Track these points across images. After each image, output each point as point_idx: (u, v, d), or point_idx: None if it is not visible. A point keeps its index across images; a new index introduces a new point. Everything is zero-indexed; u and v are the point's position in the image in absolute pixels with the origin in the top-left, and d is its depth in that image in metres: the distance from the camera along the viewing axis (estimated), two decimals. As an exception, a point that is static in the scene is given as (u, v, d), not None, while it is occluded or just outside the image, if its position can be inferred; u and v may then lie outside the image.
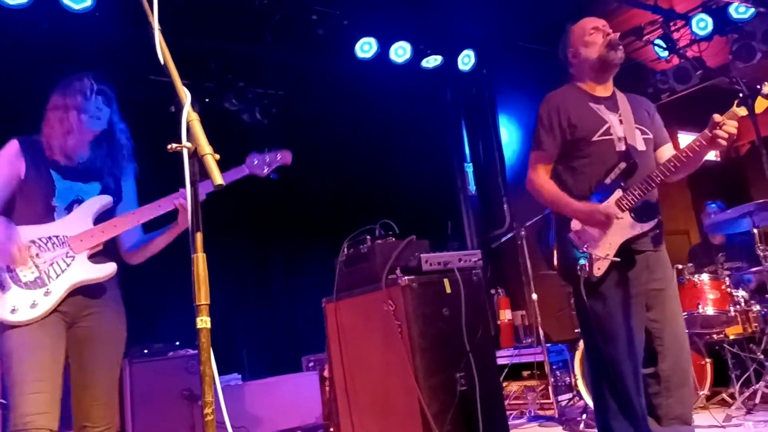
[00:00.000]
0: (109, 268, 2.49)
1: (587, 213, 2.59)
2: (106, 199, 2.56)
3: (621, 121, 2.70)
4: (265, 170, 2.92)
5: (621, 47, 2.75)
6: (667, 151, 2.80)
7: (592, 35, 2.75)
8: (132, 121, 2.73)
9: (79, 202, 2.51)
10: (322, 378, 4.46)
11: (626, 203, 2.58)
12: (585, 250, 2.58)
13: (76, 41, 4.67)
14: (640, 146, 2.69)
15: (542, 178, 2.75)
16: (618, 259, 2.56)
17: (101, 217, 2.53)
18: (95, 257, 2.48)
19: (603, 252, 2.57)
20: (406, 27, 6.36)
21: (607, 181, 2.62)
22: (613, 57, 2.73)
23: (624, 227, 2.59)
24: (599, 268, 2.55)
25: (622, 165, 2.61)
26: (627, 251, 2.57)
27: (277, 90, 6.27)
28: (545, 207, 2.89)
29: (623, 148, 2.65)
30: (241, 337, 5.78)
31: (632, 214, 2.59)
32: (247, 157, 2.85)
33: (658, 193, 2.71)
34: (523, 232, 4.97)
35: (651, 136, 2.77)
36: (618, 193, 2.60)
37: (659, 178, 2.58)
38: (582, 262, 2.55)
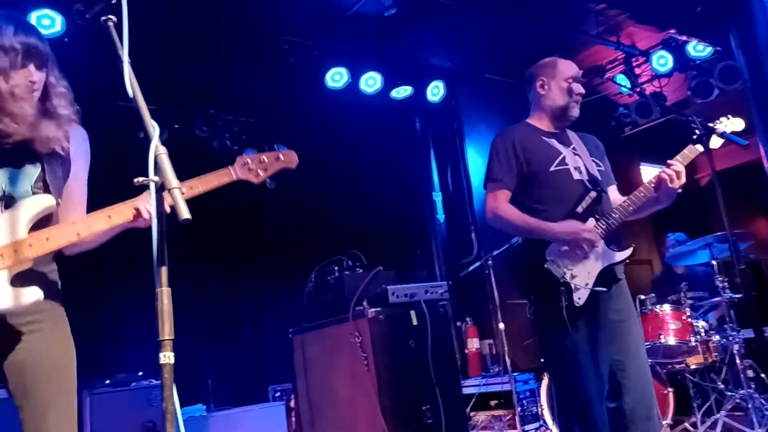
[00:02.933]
0: (29, 296, 1.85)
1: (571, 233, 2.54)
2: (47, 202, 1.97)
3: (576, 153, 2.75)
4: (261, 175, 2.31)
5: (578, 106, 2.84)
6: (612, 193, 2.85)
7: (569, 84, 2.81)
8: (100, 147, 2.61)
9: (11, 198, 1.94)
10: (289, 409, 4.41)
11: (601, 231, 2.59)
12: (564, 279, 2.54)
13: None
14: (596, 175, 2.73)
15: (506, 206, 2.70)
16: (605, 289, 2.55)
17: (41, 224, 1.95)
18: (20, 278, 1.87)
19: (582, 281, 2.54)
20: (377, 58, 6.44)
21: (579, 209, 2.61)
22: (572, 114, 2.82)
23: (601, 255, 2.58)
24: (579, 298, 2.52)
25: (593, 194, 2.62)
26: (605, 278, 2.57)
27: (247, 117, 6.27)
28: (512, 236, 2.86)
29: (581, 177, 2.68)
30: (206, 367, 5.68)
31: (606, 243, 2.60)
32: (239, 156, 2.30)
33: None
34: (490, 261, 5.01)
35: (604, 169, 2.83)
36: (591, 222, 2.60)
37: (631, 207, 2.62)
38: (562, 291, 2.51)
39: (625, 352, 2.57)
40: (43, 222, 1.96)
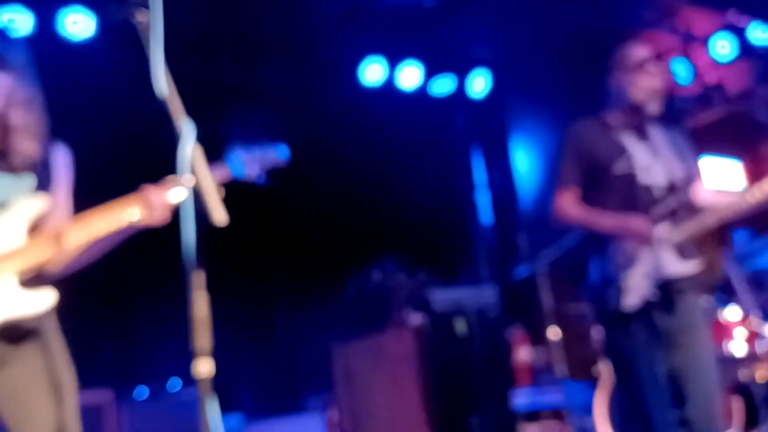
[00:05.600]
0: (44, 299, 1.88)
1: (619, 226, 2.44)
2: (40, 203, 1.94)
3: (649, 151, 2.58)
4: (256, 171, 2.26)
5: (657, 99, 2.61)
6: (698, 191, 2.67)
7: (647, 74, 2.60)
8: (131, 150, 2.53)
9: (7, 203, 1.91)
10: (330, 422, 4.29)
11: (674, 236, 2.46)
12: (616, 281, 2.44)
13: (73, 70, 4.59)
14: (675, 176, 2.56)
15: (567, 205, 2.62)
16: (655, 300, 2.42)
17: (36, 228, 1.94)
18: (27, 283, 1.87)
19: (635, 286, 2.41)
20: (416, 49, 6.25)
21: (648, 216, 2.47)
22: (652, 108, 2.61)
23: (661, 262, 2.43)
24: (629, 303, 2.41)
25: (664, 199, 2.49)
26: (665, 289, 2.44)
27: (277, 115, 6.17)
28: (566, 238, 2.80)
29: (650, 180, 2.52)
30: (241, 375, 5.61)
31: (677, 251, 2.45)
32: (229, 152, 2.24)
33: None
34: (541, 265, 4.81)
35: (688, 165, 2.64)
36: (662, 227, 2.46)
37: (714, 222, 2.46)
38: (612, 292, 2.43)
39: (684, 361, 2.45)
40: (36, 227, 1.94)
